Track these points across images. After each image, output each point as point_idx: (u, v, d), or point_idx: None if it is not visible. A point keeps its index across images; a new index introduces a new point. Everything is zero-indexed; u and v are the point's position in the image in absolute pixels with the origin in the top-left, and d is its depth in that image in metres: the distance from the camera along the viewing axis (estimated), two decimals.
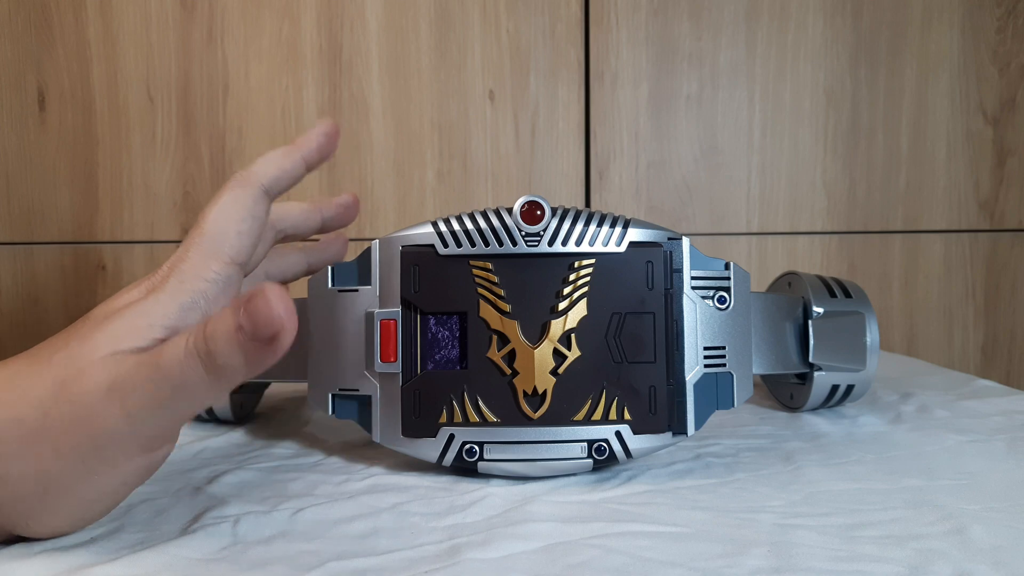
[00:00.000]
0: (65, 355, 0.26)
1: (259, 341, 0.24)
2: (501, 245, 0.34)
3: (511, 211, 0.34)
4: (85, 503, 0.27)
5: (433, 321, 0.34)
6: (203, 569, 0.26)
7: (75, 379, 0.26)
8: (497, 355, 0.34)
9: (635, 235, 0.34)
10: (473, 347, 0.34)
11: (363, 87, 0.79)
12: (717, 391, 0.36)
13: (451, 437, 0.34)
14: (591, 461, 0.34)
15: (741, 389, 0.36)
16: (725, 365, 0.36)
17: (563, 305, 0.34)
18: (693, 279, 0.35)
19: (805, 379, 0.45)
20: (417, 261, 0.34)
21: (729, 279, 0.36)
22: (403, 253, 0.34)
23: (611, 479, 0.35)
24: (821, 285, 0.45)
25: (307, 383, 0.37)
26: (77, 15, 0.77)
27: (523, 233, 0.34)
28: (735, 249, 0.82)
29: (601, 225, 0.34)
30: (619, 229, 0.34)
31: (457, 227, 0.34)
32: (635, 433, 0.34)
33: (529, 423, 0.34)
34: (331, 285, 0.36)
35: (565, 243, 0.34)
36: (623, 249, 0.34)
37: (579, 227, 0.34)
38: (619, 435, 0.34)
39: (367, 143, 0.79)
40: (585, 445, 0.34)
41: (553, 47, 0.80)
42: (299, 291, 0.40)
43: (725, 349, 0.36)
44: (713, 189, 0.81)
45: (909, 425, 0.43)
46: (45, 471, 0.25)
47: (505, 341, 0.34)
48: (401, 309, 0.34)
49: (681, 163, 0.81)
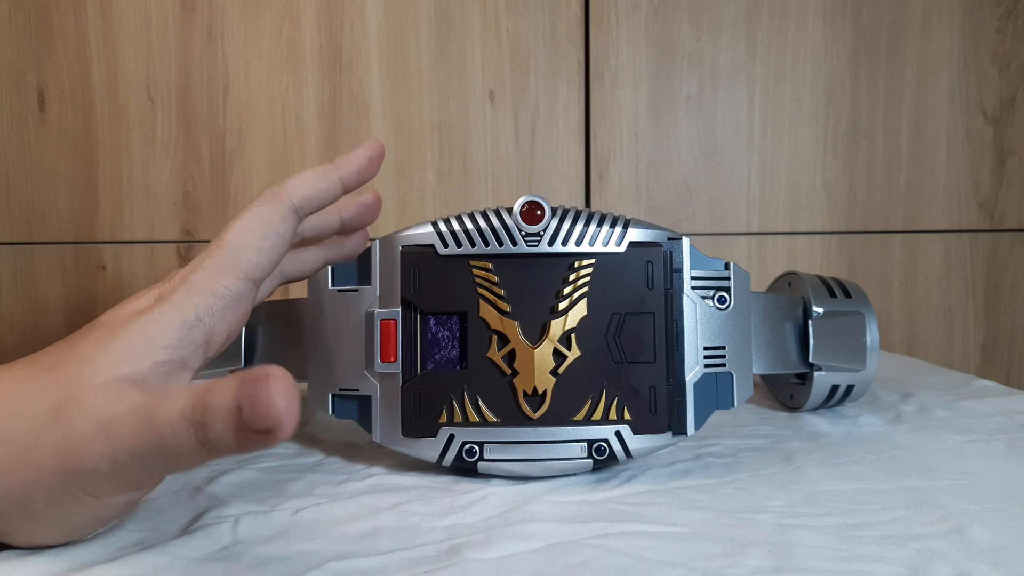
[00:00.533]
0: (68, 373, 0.26)
1: (254, 430, 0.23)
2: (501, 245, 0.34)
3: (511, 211, 0.34)
4: (64, 528, 0.26)
5: (433, 321, 0.34)
6: (203, 569, 0.26)
7: (72, 403, 0.25)
8: (497, 355, 0.34)
9: (635, 235, 0.34)
10: (473, 347, 0.34)
11: (363, 87, 0.79)
12: (717, 391, 0.36)
13: (451, 437, 0.34)
14: (591, 461, 0.34)
15: (741, 389, 0.36)
16: (725, 365, 0.36)
17: (563, 305, 0.34)
18: (693, 279, 0.35)
19: (805, 379, 0.45)
20: (417, 261, 0.34)
21: (729, 279, 0.36)
22: (403, 253, 0.34)
23: (611, 479, 0.35)
24: (821, 285, 0.45)
25: (307, 383, 0.37)
26: (77, 15, 0.77)
27: (523, 233, 0.34)
28: (735, 249, 0.82)
29: (601, 225, 0.34)
30: (619, 229, 0.34)
31: (457, 227, 0.34)
32: (635, 433, 0.34)
33: (529, 423, 0.34)
34: (331, 285, 0.36)
35: (565, 243, 0.34)
36: (623, 249, 0.34)
37: (579, 227, 0.34)
38: (619, 435, 0.34)
39: None
40: (585, 445, 0.34)
41: (553, 47, 0.80)
42: (300, 291, 0.40)
43: (725, 349, 0.36)
44: (713, 189, 0.81)
45: (909, 425, 0.43)
46: (26, 492, 0.25)
47: (505, 341, 0.34)
48: (401, 309, 0.34)
49: (681, 163, 0.81)
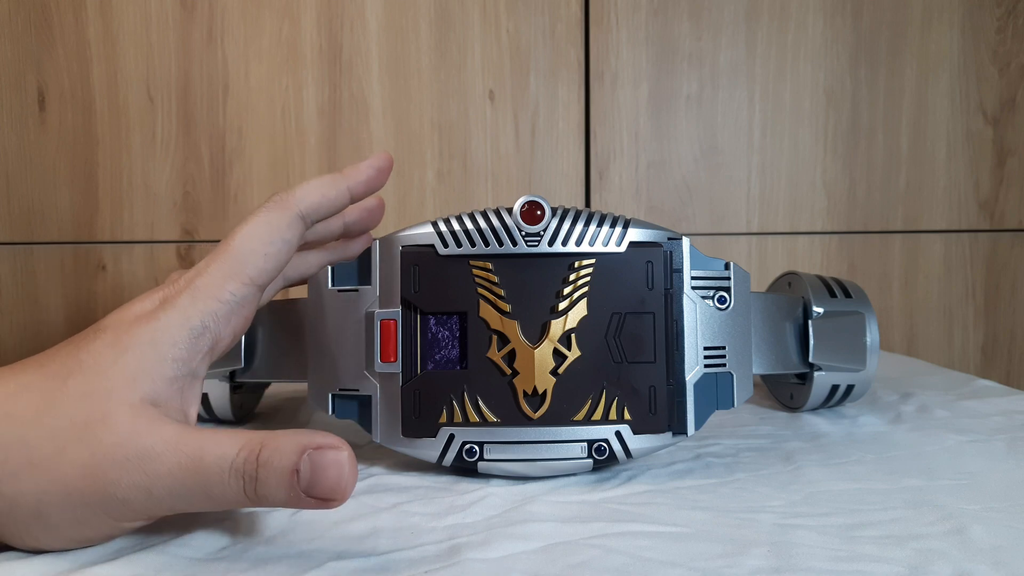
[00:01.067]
0: (83, 388, 0.26)
1: (310, 496, 0.23)
2: (501, 245, 0.34)
3: (511, 211, 0.34)
4: (75, 539, 0.26)
5: (433, 321, 0.34)
6: (203, 569, 0.26)
7: (101, 424, 0.25)
8: (497, 355, 0.34)
9: (635, 235, 0.34)
10: (473, 347, 0.34)
11: (363, 87, 0.79)
12: (717, 391, 0.36)
13: (451, 437, 0.34)
14: (591, 461, 0.34)
15: (741, 389, 0.36)
16: (725, 365, 0.36)
17: (563, 305, 0.34)
18: (693, 279, 0.35)
19: (805, 379, 0.45)
20: (417, 261, 0.34)
21: (729, 279, 0.36)
22: (403, 253, 0.34)
23: (611, 479, 0.35)
24: (821, 285, 0.45)
25: (307, 383, 0.37)
26: (77, 15, 0.77)
27: (523, 233, 0.34)
28: (735, 249, 0.82)
29: (601, 225, 0.34)
30: (619, 229, 0.34)
31: (457, 227, 0.34)
32: (635, 433, 0.34)
33: (529, 423, 0.34)
34: (331, 285, 0.36)
35: (565, 243, 0.34)
36: (623, 249, 0.34)
37: (579, 227, 0.34)
38: (619, 435, 0.34)
39: (367, 143, 0.79)
40: (585, 445, 0.34)
41: (553, 47, 0.80)
42: (299, 291, 0.40)
43: (725, 349, 0.36)
44: (713, 189, 0.81)
45: (909, 425, 0.43)
46: (43, 502, 0.25)
47: (505, 341, 0.34)
48: (401, 309, 0.34)
49: (681, 163, 0.81)
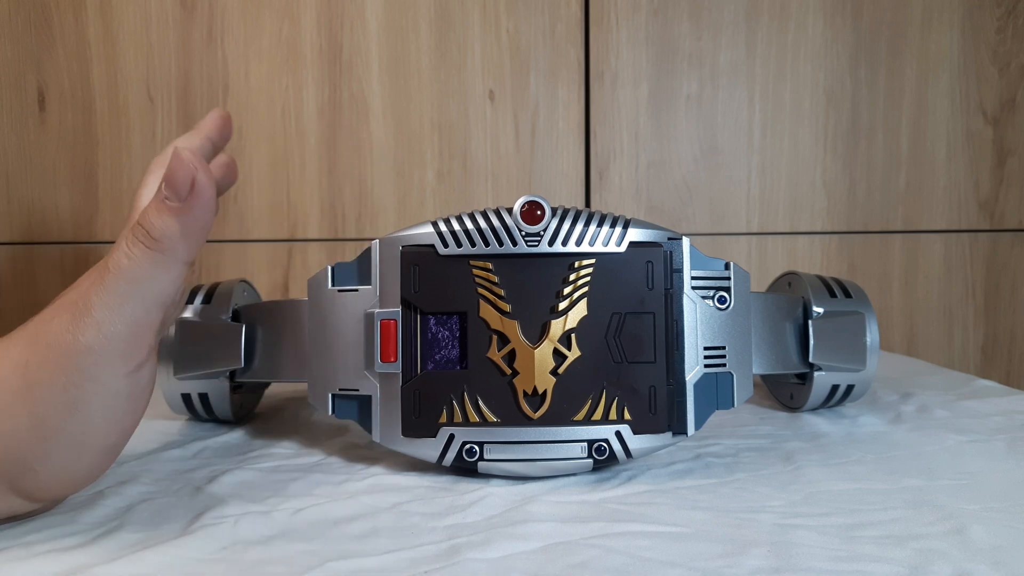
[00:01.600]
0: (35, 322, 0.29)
1: (182, 197, 0.27)
2: (501, 245, 0.34)
3: (511, 211, 0.34)
4: (81, 447, 0.28)
5: (433, 321, 0.34)
6: (203, 569, 0.26)
7: (45, 326, 0.28)
8: (497, 355, 0.34)
9: (635, 235, 0.34)
10: (473, 347, 0.34)
11: (363, 87, 0.79)
12: (717, 391, 0.36)
13: (451, 437, 0.34)
14: (591, 461, 0.34)
15: (741, 389, 0.36)
16: (725, 365, 0.35)
17: (563, 305, 0.34)
18: (693, 279, 0.35)
19: (805, 379, 0.45)
20: (417, 261, 0.34)
21: (729, 279, 0.36)
22: (403, 253, 0.34)
23: (611, 479, 0.35)
24: (821, 285, 0.45)
25: (307, 383, 0.37)
26: (77, 15, 0.77)
27: (523, 233, 0.34)
28: (735, 249, 0.82)
29: (601, 225, 0.34)
30: (619, 229, 0.34)
31: (457, 227, 0.34)
32: (635, 433, 0.34)
33: (529, 423, 0.34)
34: (331, 285, 0.36)
35: (565, 243, 0.34)
36: (623, 249, 0.34)
37: (579, 227, 0.34)
38: (619, 435, 0.34)
39: (367, 143, 0.79)
40: (585, 445, 0.34)
41: (553, 47, 0.80)
42: (300, 291, 0.40)
43: (725, 349, 0.36)
44: (713, 189, 0.81)
45: (909, 425, 0.43)
46: (36, 414, 0.27)
47: (505, 341, 0.34)
48: (401, 309, 0.34)
49: (681, 163, 0.81)
